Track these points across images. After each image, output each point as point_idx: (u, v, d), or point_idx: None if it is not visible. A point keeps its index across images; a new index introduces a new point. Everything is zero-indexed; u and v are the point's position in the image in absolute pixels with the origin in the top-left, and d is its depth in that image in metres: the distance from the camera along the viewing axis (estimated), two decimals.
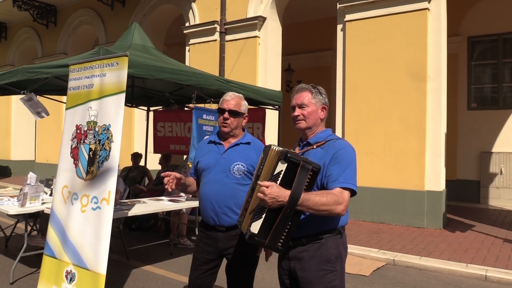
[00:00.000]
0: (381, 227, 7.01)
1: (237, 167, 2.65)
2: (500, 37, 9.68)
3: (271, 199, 1.85)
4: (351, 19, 7.77)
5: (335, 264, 2.05)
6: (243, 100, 2.81)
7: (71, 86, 3.99)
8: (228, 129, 2.71)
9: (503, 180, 9.50)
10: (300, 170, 1.87)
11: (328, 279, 2.02)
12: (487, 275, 4.71)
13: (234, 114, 2.71)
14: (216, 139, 2.79)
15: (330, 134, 2.21)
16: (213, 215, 2.65)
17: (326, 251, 2.04)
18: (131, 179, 7.47)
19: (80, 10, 13.13)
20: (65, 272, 3.57)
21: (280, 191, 1.86)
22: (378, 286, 4.51)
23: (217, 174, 2.66)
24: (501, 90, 9.74)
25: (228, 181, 2.64)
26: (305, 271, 2.05)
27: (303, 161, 1.88)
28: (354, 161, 2.06)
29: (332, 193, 1.93)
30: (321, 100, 2.20)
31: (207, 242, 2.72)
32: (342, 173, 1.98)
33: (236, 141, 2.75)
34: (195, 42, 10.12)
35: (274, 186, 1.87)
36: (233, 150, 2.71)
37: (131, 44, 5.60)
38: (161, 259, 5.37)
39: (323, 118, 2.22)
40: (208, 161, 2.70)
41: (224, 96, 2.80)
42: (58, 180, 3.87)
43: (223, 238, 2.67)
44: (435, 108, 7.03)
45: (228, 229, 2.66)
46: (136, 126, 11.43)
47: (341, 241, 2.10)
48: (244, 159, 2.68)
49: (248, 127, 6.65)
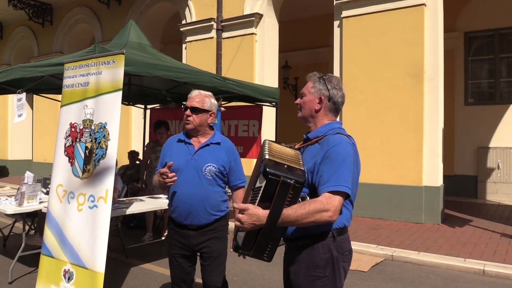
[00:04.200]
0: (379, 223, 7.03)
1: (209, 168, 2.66)
2: (496, 32, 9.68)
3: (250, 224, 1.73)
4: (348, 16, 7.76)
5: (325, 270, 1.91)
6: (209, 97, 2.80)
7: (65, 84, 3.97)
8: (191, 126, 2.71)
9: (500, 175, 9.53)
10: (280, 187, 1.69)
11: (316, 285, 1.91)
12: (485, 270, 4.73)
13: (196, 111, 2.70)
14: (185, 138, 2.76)
15: (333, 128, 2.01)
16: (185, 215, 2.68)
17: (316, 256, 1.92)
18: (128, 177, 7.46)
19: (76, 9, 13.07)
20: (63, 271, 3.56)
21: (257, 214, 1.72)
22: (377, 282, 4.52)
23: (189, 175, 2.65)
24: (498, 85, 9.76)
25: (200, 182, 2.65)
26: (296, 275, 1.97)
27: (284, 175, 1.69)
28: (347, 159, 1.87)
29: (317, 201, 1.77)
30: (319, 90, 2.02)
31: (179, 239, 2.76)
32: (332, 175, 1.82)
33: (206, 141, 2.74)
34: (192, 40, 10.10)
35: (250, 210, 1.73)
36: (204, 151, 2.70)
37: (128, 42, 5.58)
38: (160, 257, 5.36)
39: (318, 109, 2.03)
40: (179, 161, 2.66)
41: (190, 93, 2.81)
42: (53, 179, 3.85)
43: (195, 235, 2.72)
44: (432, 103, 7.04)
45: (199, 228, 2.71)
46: (133, 124, 11.41)
47: (334, 245, 1.93)
48: (215, 160, 2.68)
49: (244, 124, 6.65)
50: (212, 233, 2.75)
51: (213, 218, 2.73)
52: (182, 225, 2.73)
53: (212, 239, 2.74)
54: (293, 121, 12.45)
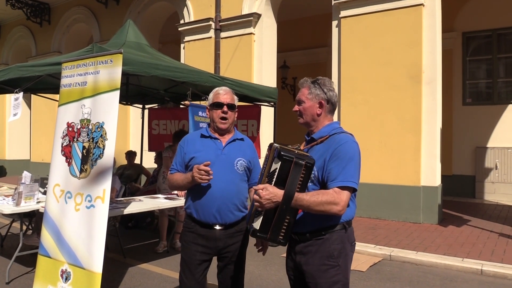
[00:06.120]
0: (377, 223, 7.03)
1: (240, 163, 2.61)
2: (494, 32, 9.70)
3: (266, 200, 1.92)
4: (346, 16, 7.76)
5: (338, 260, 2.06)
6: (234, 94, 2.74)
7: (63, 83, 3.96)
8: (227, 125, 2.63)
9: (498, 175, 9.55)
10: (294, 167, 1.91)
11: (330, 274, 2.05)
12: (482, 269, 4.74)
13: (232, 108, 2.64)
14: (210, 134, 2.67)
15: (334, 128, 2.18)
16: (216, 213, 2.55)
17: (329, 246, 2.06)
18: (126, 177, 7.45)
19: (73, 8, 13.04)
20: (61, 271, 3.55)
21: (274, 191, 1.92)
22: (375, 282, 4.52)
23: (221, 170, 2.54)
24: (495, 86, 9.78)
25: (232, 177, 2.58)
26: (309, 265, 2.09)
27: (296, 157, 1.91)
28: (355, 156, 2.05)
29: (328, 193, 1.95)
30: (318, 96, 2.16)
31: (201, 242, 2.60)
32: (341, 171, 1.98)
33: (232, 137, 2.68)
34: (190, 40, 10.09)
35: (268, 187, 1.93)
36: (232, 146, 2.64)
37: (126, 41, 5.57)
38: (158, 257, 5.36)
39: (320, 113, 2.17)
40: (207, 157, 2.53)
41: (215, 90, 2.69)
42: (50, 179, 3.83)
43: (222, 237, 2.60)
44: (430, 104, 7.05)
45: (228, 226, 2.61)
46: (131, 124, 11.40)
47: (346, 236, 2.11)
48: (243, 155, 2.64)
49: (243, 124, 6.65)
50: (238, 236, 2.65)
51: (241, 215, 2.64)
52: (209, 225, 2.58)
53: (238, 242, 2.65)
54: (291, 121, 12.42)
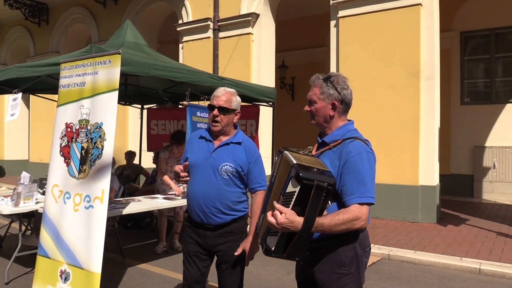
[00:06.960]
0: (376, 222, 7.05)
1: (225, 168, 2.56)
2: (492, 32, 9.72)
3: (283, 226, 1.76)
4: (344, 15, 7.77)
5: (350, 267, 1.97)
6: (234, 95, 2.67)
7: (62, 83, 3.96)
8: (219, 127, 2.60)
9: (496, 174, 9.57)
10: (315, 191, 1.71)
11: (342, 282, 1.98)
12: (481, 268, 4.75)
13: (224, 111, 2.58)
14: (207, 135, 2.68)
15: (348, 130, 2.02)
16: (200, 214, 2.60)
17: (340, 254, 1.97)
18: (125, 178, 7.45)
19: (72, 8, 13.02)
20: (60, 271, 3.55)
21: (293, 219, 1.75)
22: (374, 281, 4.53)
23: (205, 173, 2.58)
24: (493, 85, 9.80)
25: (215, 181, 2.57)
26: (321, 273, 2.01)
27: (318, 180, 1.71)
28: (371, 169, 1.91)
29: (349, 211, 1.83)
30: (331, 96, 2.01)
31: (195, 237, 2.68)
32: (357, 186, 1.86)
33: (227, 139, 2.65)
34: (189, 40, 10.09)
35: (288, 214, 1.75)
36: (222, 150, 2.62)
37: (124, 42, 5.57)
38: (157, 257, 5.36)
39: (333, 115, 2.02)
40: (197, 158, 2.61)
41: (215, 91, 2.68)
42: (49, 180, 3.84)
43: (212, 236, 2.63)
44: (428, 103, 7.06)
45: (217, 227, 2.62)
46: (130, 124, 11.39)
47: (358, 242, 2.00)
48: (233, 160, 2.58)
49: (242, 124, 6.65)
50: (230, 236, 2.64)
51: (230, 218, 2.63)
52: (198, 224, 2.64)
53: (230, 242, 2.63)
54: (290, 121, 12.43)
